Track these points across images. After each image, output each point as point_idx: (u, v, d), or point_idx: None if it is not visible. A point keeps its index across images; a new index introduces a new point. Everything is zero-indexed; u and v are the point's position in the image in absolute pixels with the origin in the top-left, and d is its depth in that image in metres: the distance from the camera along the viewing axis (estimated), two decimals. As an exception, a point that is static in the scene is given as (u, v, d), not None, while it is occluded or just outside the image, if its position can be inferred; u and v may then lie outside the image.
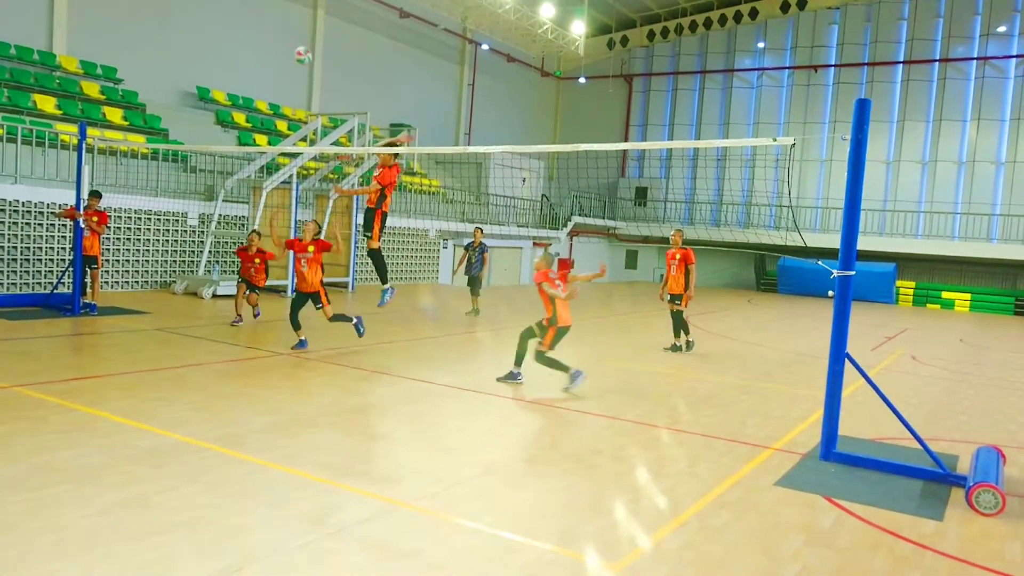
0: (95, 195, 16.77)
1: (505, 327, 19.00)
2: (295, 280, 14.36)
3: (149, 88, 27.43)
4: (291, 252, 17.15)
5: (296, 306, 13.86)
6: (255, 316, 17.00)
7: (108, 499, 6.21)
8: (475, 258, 21.62)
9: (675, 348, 16.64)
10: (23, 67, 23.80)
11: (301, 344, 13.72)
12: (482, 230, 21.75)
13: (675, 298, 16.62)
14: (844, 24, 43.95)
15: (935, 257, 39.88)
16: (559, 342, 11.83)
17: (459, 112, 44.19)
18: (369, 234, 13.05)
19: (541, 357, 11.71)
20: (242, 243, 20.14)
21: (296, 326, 13.78)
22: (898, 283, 39.64)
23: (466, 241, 25.77)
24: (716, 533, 6.36)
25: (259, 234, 16.86)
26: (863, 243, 35.64)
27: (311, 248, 13.74)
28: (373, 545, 5.70)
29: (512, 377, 12.03)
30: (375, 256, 13.23)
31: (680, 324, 16.62)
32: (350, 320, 13.90)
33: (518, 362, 12.05)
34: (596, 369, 13.93)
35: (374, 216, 13.02)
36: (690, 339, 16.72)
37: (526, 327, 12.15)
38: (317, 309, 13.78)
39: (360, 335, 13.95)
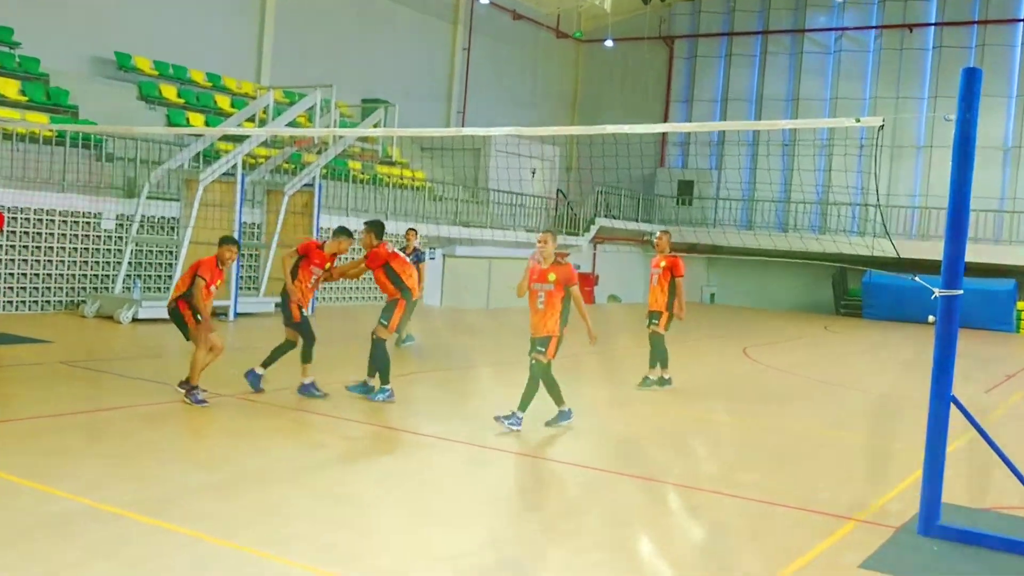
0: None
1: (506, 361, 18.94)
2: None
3: (54, 54, 27.47)
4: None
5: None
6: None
7: (-1, 581, 6.18)
8: None
9: (646, 382, 16.50)
10: None
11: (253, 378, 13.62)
12: (416, 231, 21.15)
13: (654, 316, 16.52)
14: (947, -29, 43.99)
15: (1068, 272, 39.78)
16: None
17: (451, 84, 44.29)
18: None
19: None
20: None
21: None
22: (1019, 305, 39.52)
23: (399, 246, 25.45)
24: (784, 628, 6.34)
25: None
26: (973, 253, 35.56)
27: (328, 264, 13.90)
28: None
29: (564, 417, 12.30)
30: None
31: (657, 350, 16.46)
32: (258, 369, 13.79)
33: (559, 400, 12.28)
34: (624, 414, 13.90)
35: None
36: (666, 375, 16.46)
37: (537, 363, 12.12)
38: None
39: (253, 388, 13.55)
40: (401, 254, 14.00)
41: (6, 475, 8.51)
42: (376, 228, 13.85)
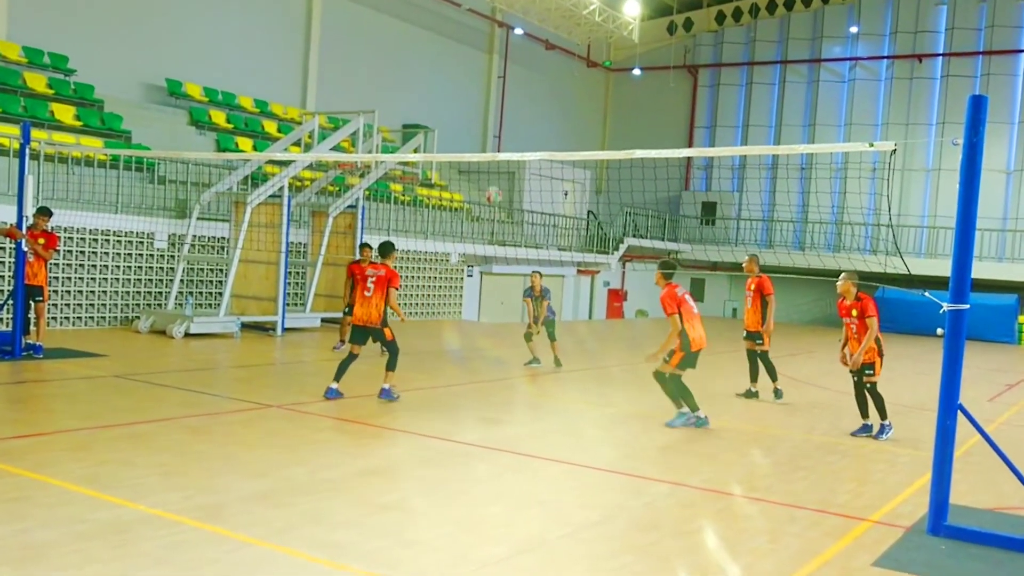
0: (43, 213, 16.71)
1: (549, 373, 18.98)
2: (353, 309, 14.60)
3: (108, 81, 27.68)
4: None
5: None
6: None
7: (57, 582, 6.12)
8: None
9: (750, 394, 16.88)
10: (-46, 57, 24.11)
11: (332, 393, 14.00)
12: (540, 274, 20.67)
13: (752, 336, 16.90)
14: (954, 5, 43.83)
15: (1069, 287, 39.54)
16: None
17: (487, 110, 44.36)
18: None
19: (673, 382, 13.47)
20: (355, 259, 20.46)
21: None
22: (1021, 319, 39.30)
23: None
24: (800, 626, 6.27)
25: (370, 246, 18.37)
26: (979, 270, 35.26)
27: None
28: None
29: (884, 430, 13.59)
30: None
31: (766, 366, 16.87)
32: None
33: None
34: (653, 424, 13.87)
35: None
36: (778, 387, 16.86)
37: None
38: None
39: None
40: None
41: (62, 482, 8.54)
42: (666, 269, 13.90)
